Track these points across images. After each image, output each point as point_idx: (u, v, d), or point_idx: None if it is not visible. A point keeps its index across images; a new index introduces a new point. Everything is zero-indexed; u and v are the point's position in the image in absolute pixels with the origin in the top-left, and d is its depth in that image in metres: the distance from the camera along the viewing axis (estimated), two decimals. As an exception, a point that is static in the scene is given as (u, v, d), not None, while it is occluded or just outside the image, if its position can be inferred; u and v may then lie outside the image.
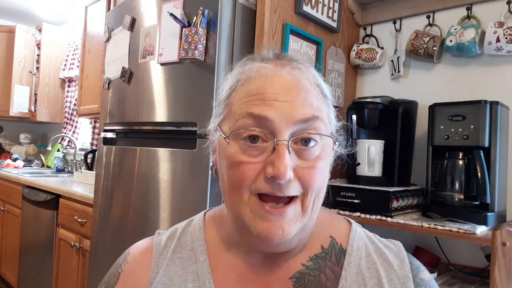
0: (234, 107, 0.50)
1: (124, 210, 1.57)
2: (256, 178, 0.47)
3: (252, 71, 0.51)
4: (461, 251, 1.35)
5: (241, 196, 0.48)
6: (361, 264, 0.54)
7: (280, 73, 0.50)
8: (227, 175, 0.50)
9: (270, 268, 0.54)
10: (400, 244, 0.59)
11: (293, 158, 0.48)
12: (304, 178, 0.48)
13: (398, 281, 0.53)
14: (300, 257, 0.54)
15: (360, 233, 0.59)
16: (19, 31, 3.61)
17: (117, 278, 0.58)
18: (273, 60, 0.52)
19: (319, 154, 0.49)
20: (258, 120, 0.47)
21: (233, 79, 0.53)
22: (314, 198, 0.49)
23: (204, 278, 0.54)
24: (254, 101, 0.48)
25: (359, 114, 1.36)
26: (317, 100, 0.50)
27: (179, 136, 1.41)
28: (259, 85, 0.49)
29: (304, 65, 0.53)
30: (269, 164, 0.46)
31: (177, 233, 0.61)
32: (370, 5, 1.66)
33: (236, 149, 0.49)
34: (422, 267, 0.57)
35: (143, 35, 1.54)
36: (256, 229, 0.48)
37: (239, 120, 0.49)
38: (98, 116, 2.27)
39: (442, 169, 1.18)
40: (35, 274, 2.54)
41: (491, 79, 1.36)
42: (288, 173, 0.45)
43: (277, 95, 0.48)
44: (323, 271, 0.53)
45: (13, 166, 3.45)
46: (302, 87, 0.49)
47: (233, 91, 0.52)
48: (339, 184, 1.28)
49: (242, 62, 0.54)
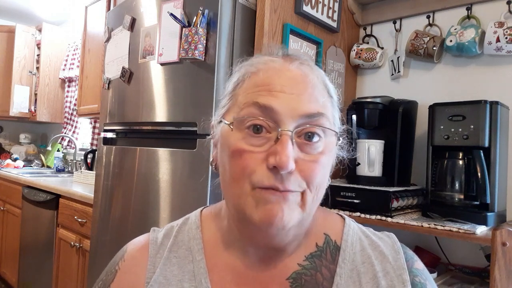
0: (240, 98, 0.50)
1: (124, 210, 1.57)
2: (258, 168, 0.47)
3: (260, 63, 0.51)
4: (461, 251, 1.35)
5: (242, 187, 0.48)
6: (356, 259, 0.54)
7: (288, 67, 0.50)
8: (228, 166, 0.49)
9: (266, 268, 0.54)
10: (393, 235, 0.59)
11: (296, 150, 0.47)
12: (305, 171, 0.47)
13: (394, 273, 0.53)
14: (296, 256, 0.54)
15: (354, 228, 0.59)
16: (19, 31, 3.61)
17: (114, 276, 0.58)
18: (281, 57, 0.53)
19: (323, 149, 0.49)
20: (263, 109, 0.47)
21: (241, 72, 0.53)
22: (314, 196, 0.49)
23: (201, 277, 0.54)
24: (261, 91, 0.48)
25: (359, 114, 1.36)
26: (323, 97, 0.50)
27: (179, 136, 1.41)
28: (266, 76, 0.49)
29: (313, 64, 0.54)
30: (271, 154, 0.46)
31: (173, 232, 0.60)
32: (370, 5, 1.66)
33: (239, 138, 0.48)
34: (416, 257, 0.58)
35: (143, 35, 1.54)
36: (258, 214, 0.47)
37: (244, 109, 0.48)
38: (98, 116, 2.27)
39: (442, 169, 1.18)
40: (35, 274, 2.54)
41: (491, 79, 1.36)
42: (290, 163, 0.45)
43: (284, 87, 0.48)
44: (319, 270, 0.53)
45: (13, 166, 3.45)
46: (310, 82, 0.50)
47: (240, 82, 0.52)
48: (339, 184, 1.28)
49: (250, 58, 0.54)
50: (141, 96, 1.54)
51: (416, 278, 0.54)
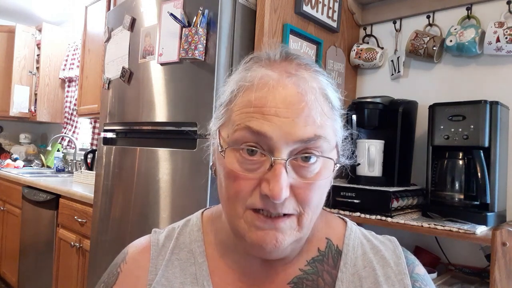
0: (234, 115, 0.48)
1: (124, 210, 1.57)
2: (251, 193, 0.46)
3: (255, 78, 0.48)
4: (461, 251, 1.35)
5: (236, 210, 0.48)
6: (357, 263, 0.54)
7: (285, 83, 0.47)
8: (224, 184, 0.49)
9: (267, 273, 0.53)
10: (395, 239, 0.58)
11: (291, 175, 0.46)
12: (300, 196, 0.46)
13: (396, 278, 0.53)
14: (297, 261, 0.54)
15: (356, 232, 0.58)
16: (19, 31, 3.61)
17: (116, 278, 0.58)
18: (279, 63, 0.50)
19: (319, 170, 0.47)
20: (256, 135, 0.45)
21: (235, 84, 0.50)
22: (311, 216, 0.48)
23: (203, 280, 0.54)
24: (254, 113, 0.46)
25: (359, 114, 1.36)
26: (321, 117, 0.47)
27: (179, 136, 1.41)
28: (260, 96, 0.46)
29: (313, 70, 0.50)
30: (264, 182, 0.45)
31: (174, 233, 0.60)
32: (370, 5, 1.66)
33: (233, 160, 0.47)
34: (417, 261, 0.57)
35: (143, 35, 1.54)
36: (251, 239, 0.47)
37: (237, 132, 0.47)
38: (98, 116, 2.27)
39: (442, 169, 1.18)
40: (35, 274, 2.54)
41: (491, 79, 1.36)
42: (283, 194, 0.44)
43: (278, 110, 0.45)
44: (320, 275, 0.53)
45: (13, 166, 3.45)
46: (306, 103, 0.46)
47: (235, 96, 0.50)
48: (339, 184, 1.28)
49: (247, 65, 0.51)
50: (141, 96, 1.54)
51: (416, 283, 0.53)
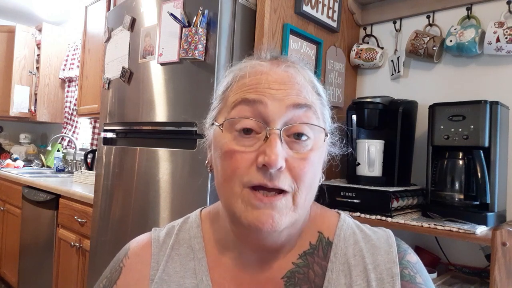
0: (230, 98, 0.52)
1: (124, 210, 1.57)
2: (248, 168, 0.48)
3: (248, 66, 0.53)
4: (461, 251, 1.35)
5: (233, 189, 0.49)
6: (348, 252, 0.54)
7: (275, 70, 0.52)
8: (220, 167, 0.51)
9: (262, 269, 0.54)
10: (390, 231, 0.58)
11: (285, 148, 0.48)
12: (295, 169, 0.48)
13: (384, 266, 0.52)
14: (291, 256, 0.55)
15: (349, 223, 0.59)
16: (19, 31, 3.61)
17: (119, 273, 0.59)
18: (269, 60, 0.55)
19: (312, 147, 0.50)
20: (252, 104, 0.49)
21: (230, 76, 0.55)
22: (305, 195, 0.50)
23: (202, 275, 0.55)
24: (249, 89, 0.50)
25: (359, 114, 1.36)
26: (311, 95, 0.52)
27: (179, 136, 1.41)
28: (254, 78, 0.51)
29: (300, 65, 0.55)
30: (261, 153, 0.47)
31: (174, 230, 0.61)
32: (370, 5, 1.66)
33: (229, 139, 0.50)
34: (410, 250, 0.56)
35: (143, 35, 1.54)
36: (247, 219, 0.48)
37: (234, 109, 0.50)
38: (98, 116, 2.27)
39: (442, 169, 1.18)
40: (35, 274, 2.54)
41: (491, 79, 1.36)
42: (279, 161, 0.46)
43: (271, 85, 0.50)
44: (311, 267, 0.54)
45: (13, 166, 3.45)
46: (297, 82, 0.51)
47: (230, 86, 0.54)
48: (339, 184, 1.27)
49: (240, 63, 0.56)
50: (141, 96, 1.54)
51: (405, 270, 0.52)
